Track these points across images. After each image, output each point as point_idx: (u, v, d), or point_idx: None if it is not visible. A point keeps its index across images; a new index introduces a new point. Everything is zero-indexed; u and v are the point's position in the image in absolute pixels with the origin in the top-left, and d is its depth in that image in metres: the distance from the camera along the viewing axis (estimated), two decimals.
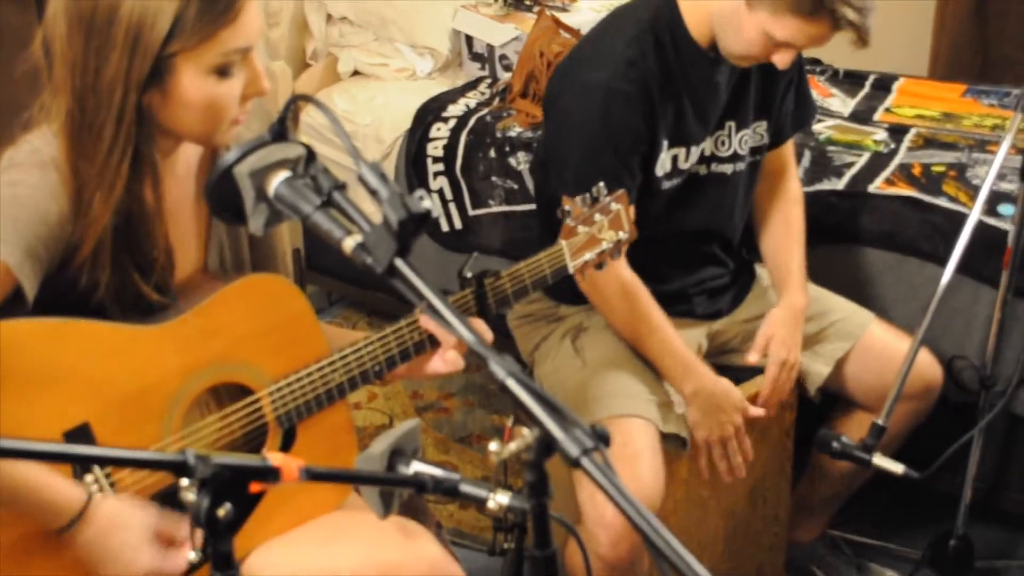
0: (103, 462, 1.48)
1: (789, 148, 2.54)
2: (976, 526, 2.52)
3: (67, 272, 1.57)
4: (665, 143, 2.24)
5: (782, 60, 2.12)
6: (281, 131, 1.42)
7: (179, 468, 1.15)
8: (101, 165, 1.54)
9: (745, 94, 2.33)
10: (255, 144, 1.39)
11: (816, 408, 2.52)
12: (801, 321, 2.35)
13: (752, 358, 2.33)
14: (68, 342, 1.54)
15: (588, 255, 1.89)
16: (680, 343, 2.25)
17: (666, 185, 2.27)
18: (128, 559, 1.51)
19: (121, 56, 1.49)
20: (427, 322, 1.73)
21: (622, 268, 2.19)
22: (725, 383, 2.25)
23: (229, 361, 1.66)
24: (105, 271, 1.58)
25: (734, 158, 2.36)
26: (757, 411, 2.28)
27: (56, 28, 1.53)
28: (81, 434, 1.53)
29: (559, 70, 2.34)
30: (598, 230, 1.89)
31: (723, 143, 2.34)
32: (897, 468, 2.12)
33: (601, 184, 1.89)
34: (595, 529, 2.09)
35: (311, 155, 1.40)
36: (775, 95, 2.39)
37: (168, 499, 1.57)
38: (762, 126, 2.38)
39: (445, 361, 1.78)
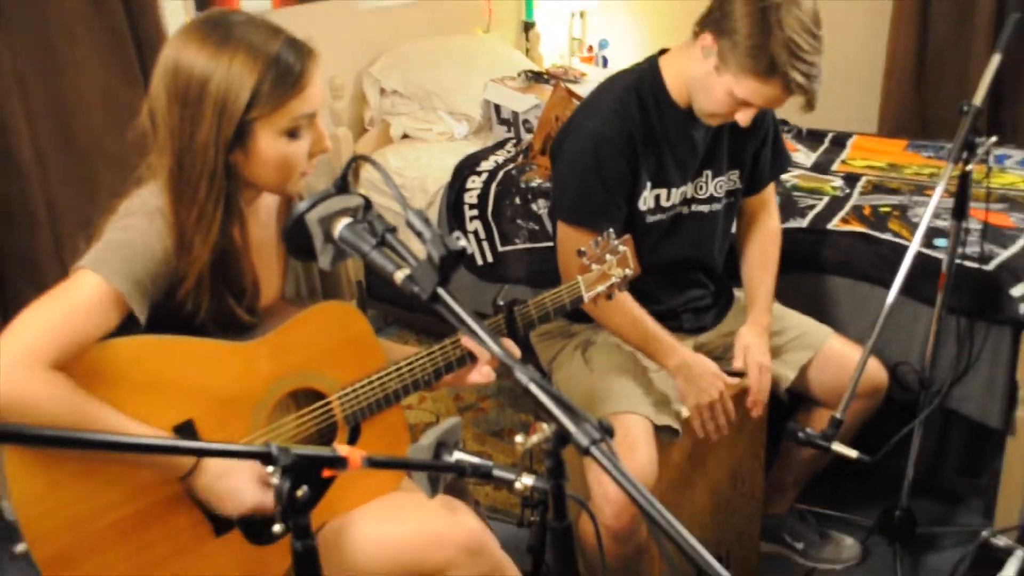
0: (204, 453, 1.50)
1: (769, 191, 2.53)
2: (917, 500, 2.52)
3: (175, 299, 1.59)
4: (648, 184, 2.25)
5: (743, 118, 2.13)
6: (343, 185, 1.44)
7: (265, 458, 1.17)
8: (199, 212, 1.56)
9: (719, 149, 2.34)
10: (322, 196, 1.41)
11: (785, 406, 2.53)
12: (766, 335, 2.35)
13: (738, 363, 2.32)
14: (176, 355, 1.57)
15: (600, 288, 1.89)
16: (660, 329, 2.24)
17: (650, 219, 2.28)
18: (238, 496, 1.55)
19: (211, 123, 1.52)
20: (467, 341, 1.75)
21: None
22: (702, 358, 2.24)
23: (305, 371, 1.68)
24: (206, 297, 1.60)
25: (711, 200, 2.36)
26: (732, 381, 2.26)
27: (158, 101, 1.56)
28: (186, 429, 1.56)
29: (564, 123, 2.36)
30: (608, 267, 1.89)
31: (701, 188, 2.34)
32: (852, 453, 2.12)
33: (611, 230, 1.90)
34: (601, 504, 2.09)
35: (368, 204, 1.42)
36: (746, 151, 2.39)
37: None
38: (735, 174, 2.39)
39: (481, 374, 1.79)
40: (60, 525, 1.47)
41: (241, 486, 1.56)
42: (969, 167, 2.20)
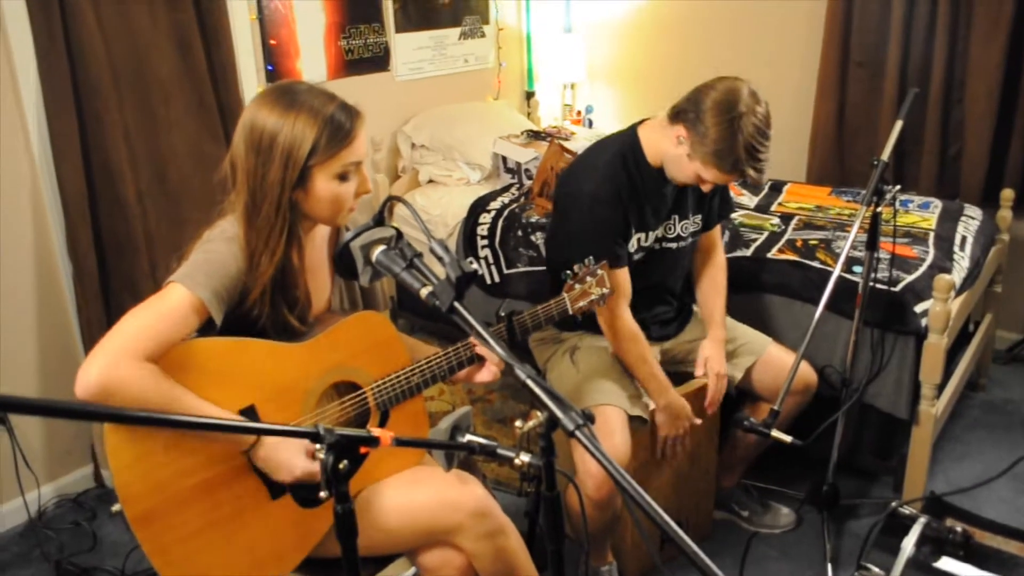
0: (266, 432, 1.50)
1: (717, 231, 2.52)
2: (840, 477, 2.50)
3: (243, 307, 1.59)
4: (634, 230, 2.23)
5: (706, 188, 2.16)
6: (380, 219, 1.44)
7: (314, 437, 1.16)
8: (266, 238, 1.56)
9: (684, 199, 2.33)
10: (363, 228, 1.42)
11: (733, 400, 2.51)
12: (723, 347, 2.35)
13: (699, 372, 2.35)
14: (243, 353, 1.56)
15: (582, 303, 1.88)
16: (660, 371, 2.23)
17: (635, 257, 2.27)
18: (290, 464, 1.53)
19: (278, 167, 1.53)
20: (480, 348, 1.73)
21: (631, 321, 2.20)
22: (683, 401, 2.25)
23: (345, 367, 1.67)
24: (267, 307, 1.60)
25: (678, 239, 2.35)
26: (698, 421, 2.30)
27: (238, 150, 1.57)
28: (250, 412, 1.55)
29: (562, 177, 2.34)
30: (589, 287, 1.89)
31: (670, 230, 2.33)
32: (787, 439, 2.11)
33: (591, 257, 1.90)
34: (584, 478, 2.07)
35: (399, 235, 1.43)
36: (706, 199, 2.39)
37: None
38: (698, 218, 2.38)
39: (489, 372, 1.77)
40: (147, 488, 1.45)
41: (292, 458, 1.54)
42: (879, 209, 2.20)
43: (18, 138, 2.67)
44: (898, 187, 2.19)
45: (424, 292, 1.31)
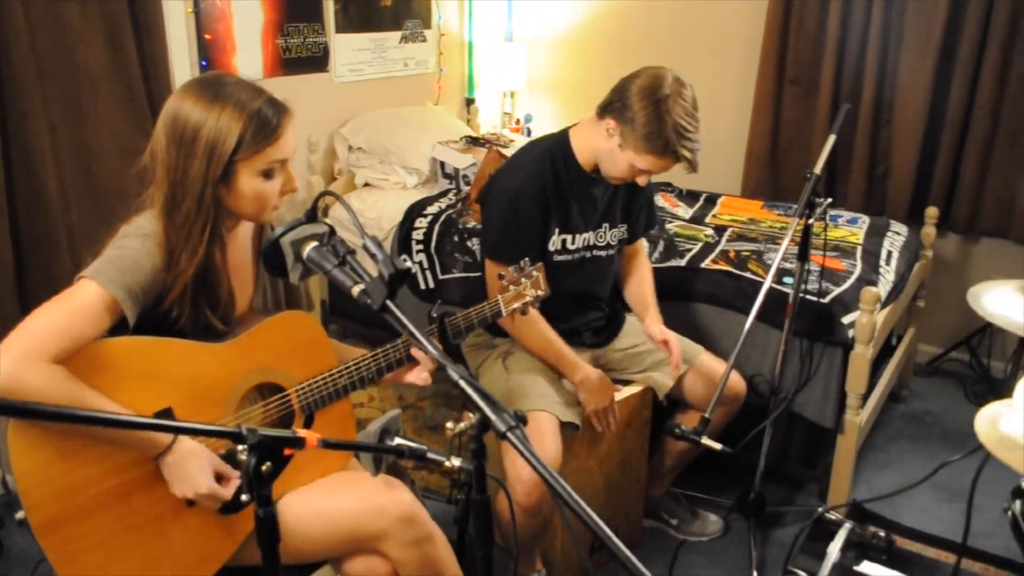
0: (186, 432, 1.41)
1: (643, 241, 2.58)
2: (767, 484, 2.53)
3: (161, 307, 1.52)
4: (556, 230, 2.24)
5: (643, 180, 2.17)
6: (313, 215, 1.40)
7: (236, 437, 1.12)
8: (187, 235, 1.50)
9: (615, 206, 2.35)
10: (295, 223, 1.38)
11: (664, 408, 2.51)
12: (662, 324, 2.41)
13: (651, 343, 2.41)
14: (159, 353, 1.50)
15: (516, 304, 1.87)
16: (567, 349, 2.23)
17: (557, 259, 2.27)
18: (195, 479, 1.46)
19: (201, 162, 1.48)
20: (416, 351, 1.70)
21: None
22: (599, 372, 2.24)
23: (269, 368, 1.62)
24: (187, 307, 1.53)
25: (607, 247, 2.36)
26: (620, 389, 2.32)
27: (159, 143, 1.51)
28: (166, 414, 1.48)
29: (493, 176, 2.34)
30: (523, 288, 1.87)
31: (601, 237, 2.34)
32: (717, 446, 2.12)
33: (527, 259, 1.89)
34: (514, 484, 2.05)
35: (332, 231, 1.39)
36: (634, 210, 2.42)
37: (226, 458, 1.53)
38: (624, 227, 2.40)
39: (419, 377, 1.74)
40: (53, 494, 1.38)
41: (200, 470, 1.46)
42: (810, 222, 2.24)
43: None
44: (829, 200, 2.24)
45: (356, 290, 1.27)
